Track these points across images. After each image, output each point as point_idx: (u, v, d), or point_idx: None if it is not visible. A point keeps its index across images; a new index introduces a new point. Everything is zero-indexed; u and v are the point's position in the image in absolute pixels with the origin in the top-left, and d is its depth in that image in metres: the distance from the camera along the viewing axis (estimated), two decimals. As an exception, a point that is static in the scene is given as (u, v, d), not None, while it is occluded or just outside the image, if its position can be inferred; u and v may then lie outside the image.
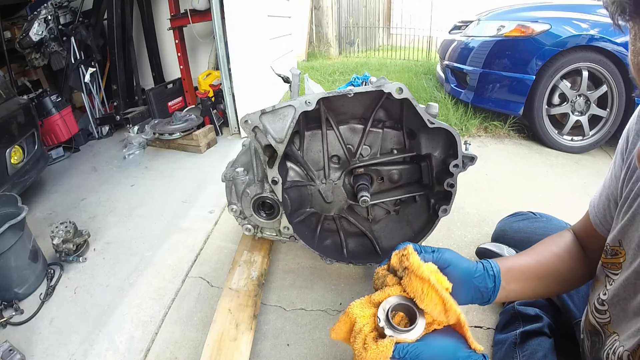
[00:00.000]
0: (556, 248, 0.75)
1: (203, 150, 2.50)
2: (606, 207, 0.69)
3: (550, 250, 0.75)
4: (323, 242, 1.17)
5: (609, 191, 0.68)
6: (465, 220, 1.53)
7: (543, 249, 0.76)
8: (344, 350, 1.00)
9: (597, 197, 0.73)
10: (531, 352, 0.83)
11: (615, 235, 0.62)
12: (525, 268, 0.71)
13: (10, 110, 1.84)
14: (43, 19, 2.61)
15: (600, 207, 0.70)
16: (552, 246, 0.76)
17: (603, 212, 0.69)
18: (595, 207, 0.72)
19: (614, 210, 0.66)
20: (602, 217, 0.70)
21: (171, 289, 1.27)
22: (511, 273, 0.69)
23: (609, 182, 0.69)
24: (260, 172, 1.04)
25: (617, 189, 0.65)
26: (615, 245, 0.62)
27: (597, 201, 0.72)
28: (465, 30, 2.77)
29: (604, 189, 0.70)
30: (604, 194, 0.70)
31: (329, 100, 0.94)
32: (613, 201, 0.67)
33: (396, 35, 6.96)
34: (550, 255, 0.74)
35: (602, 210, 0.70)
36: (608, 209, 0.68)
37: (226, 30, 2.45)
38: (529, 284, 0.71)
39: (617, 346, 0.58)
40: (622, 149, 0.65)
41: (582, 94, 2.17)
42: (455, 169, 0.93)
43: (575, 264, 0.73)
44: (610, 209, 0.68)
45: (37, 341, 1.12)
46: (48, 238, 1.44)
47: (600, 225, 0.71)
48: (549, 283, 0.73)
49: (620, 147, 0.67)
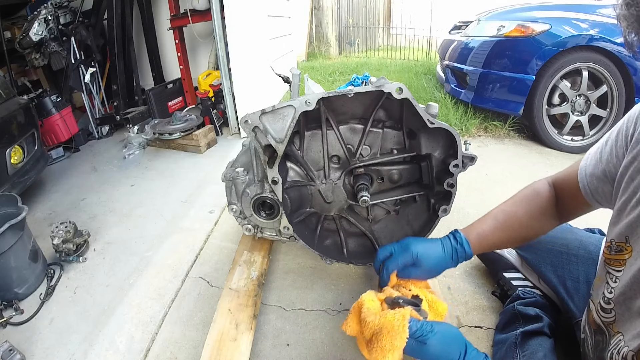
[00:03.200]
0: (529, 205, 0.83)
1: (203, 150, 2.50)
2: (601, 181, 0.69)
3: (523, 209, 0.83)
4: (323, 242, 1.17)
5: (606, 167, 0.67)
6: (465, 220, 1.53)
7: (515, 208, 0.85)
8: (344, 350, 1.00)
9: (590, 166, 0.72)
10: (531, 352, 0.83)
11: (622, 231, 0.61)
12: (497, 233, 0.83)
13: (10, 110, 1.84)
14: (43, 19, 2.61)
15: (593, 180, 0.70)
16: (526, 204, 0.84)
17: (596, 184, 0.70)
18: (588, 177, 0.72)
19: (608, 186, 0.67)
20: (595, 189, 0.71)
21: (171, 289, 1.27)
22: (482, 239, 0.82)
23: (607, 157, 0.67)
24: (260, 172, 1.04)
25: (616, 168, 0.65)
26: (621, 241, 0.61)
27: (591, 170, 0.71)
28: (465, 30, 2.77)
29: (601, 163, 0.69)
30: (599, 168, 0.69)
31: (329, 100, 0.94)
32: (610, 179, 0.66)
33: (396, 35, 6.97)
34: (522, 214, 0.83)
35: (595, 183, 0.70)
36: (602, 183, 0.69)
37: (226, 30, 2.45)
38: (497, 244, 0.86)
39: (622, 346, 0.58)
40: (627, 133, 0.63)
41: (582, 94, 2.17)
42: (455, 169, 0.93)
43: (543, 220, 0.83)
44: (604, 184, 0.68)
45: (37, 341, 1.12)
46: (48, 238, 1.44)
47: (589, 194, 0.72)
48: (515, 239, 0.86)
49: (624, 128, 0.65)
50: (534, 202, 0.83)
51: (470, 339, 1.01)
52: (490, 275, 1.22)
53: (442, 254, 0.81)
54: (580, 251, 0.96)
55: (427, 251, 0.82)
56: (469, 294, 1.16)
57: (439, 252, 0.82)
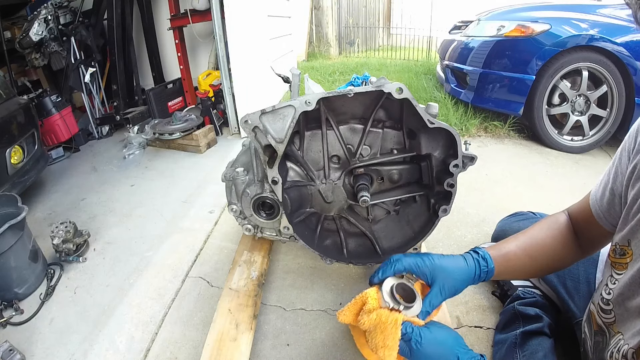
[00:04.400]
0: (550, 230, 0.79)
1: (203, 150, 2.50)
2: (610, 201, 0.69)
3: (545, 233, 0.79)
4: (323, 242, 1.16)
5: (613, 186, 0.68)
6: (465, 220, 1.53)
7: (537, 232, 0.80)
8: (344, 350, 1.00)
9: (599, 190, 0.73)
10: (531, 352, 0.83)
11: (625, 235, 0.62)
12: (519, 253, 0.77)
13: (10, 110, 1.84)
14: (43, 19, 2.61)
15: (604, 202, 0.71)
16: (546, 229, 0.80)
17: (607, 206, 0.70)
18: (599, 201, 0.72)
19: (618, 205, 0.67)
20: (606, 210, 0.70)
21: (171, 289, 1.27)
22: (505, 259, 0.76)
23: (613, 176, 0.69)
24: (260, 172, 1.04)
25: (622, 185, 0.66)
26: (624, 244, 0.63)
27: (600, 194, 0.72)
28: (465, 31, 2.77)
29: (608, 183, 0.70)
30: (607, 188, 0.70)
31: (329, 100, 0.94)
32: (618, 196, 0.67)
33: (396, 35, 6.97)
34: (544, 237, 0.79)
35: (605, 205, 0.71)
36: (612, 203, 0.69)
37: (226, 30, 2.45)
38: (520, 267, 0.78)
39: (622, 344, 0.58)
40: (630, 147, 0.66)
41: (582, 94, 2.17)
42: (455, 169, 0.93)
43: (566, 246, 0.78)
44: (614, 203, 0.69)
45: (37, 341, 1.12)
46: (48, 238, 1.44)
47: (603, 219, 0.72)
48: (540, 264, 0.78)
49: (627, 144, 0.67)
50: (557, 229, 0.79)
51: (470, 339, 1.01)
52: (490, 275, 1.22)
53: (466, 267, 0.73)
54: (580, 251, 0.96)
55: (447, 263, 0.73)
56: (469, 294, 1.16)
57: (462, 264, 0.73)
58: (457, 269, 0.73)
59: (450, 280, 0.71)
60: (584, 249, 0.78)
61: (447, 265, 0.72)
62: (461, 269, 0.73)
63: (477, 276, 0.73)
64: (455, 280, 0.72)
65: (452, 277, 0.72)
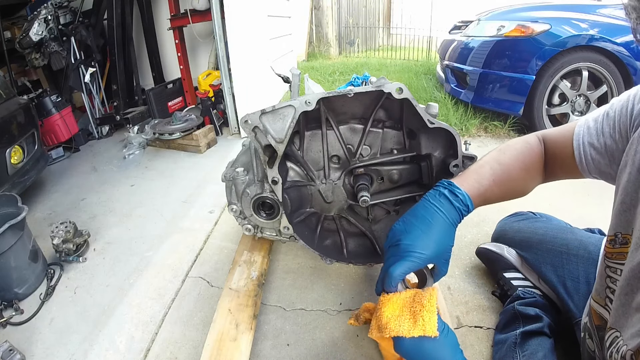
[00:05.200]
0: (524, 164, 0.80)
1: (203, 150, 2.50)
2: (599, 153, 0.68)
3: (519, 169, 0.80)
4: (323, 242, 1.16)
5: (607, 140, 0.66)
6: (465, 220, 1.50)
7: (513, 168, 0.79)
8: (344, 350, 1.00)
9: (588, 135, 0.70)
10: (531, 352, 0.83)
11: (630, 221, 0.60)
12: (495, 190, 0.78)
13: (10, 110, 1.84)
14: (43, 19, 2.61)
15: (592, 150, 0.69)
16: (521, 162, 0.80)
17: (594, 156, 0.69)
18: (586, 146, 0.70)
19: (605, 159, 0.67)
20: (591, 159, 0.69)
21: (171, 289, 1.27)
22: (483, 198, 0.77)
23: (609, 130, 0.66)
24: (260, 172, 1.04)
25: (617, 144, 0.64)
26: (627, 233, 0.61)
27: (589, 140, 0.69)
28: (465, 30, 2.77)
29: (602, 136, 0.67)
30: (600, 140, 0.67)
31: (329, 100, 0.94)
32: (609, 154, 0.66)
33: (396, 35, 6.97)
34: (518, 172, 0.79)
35: (594, 154, 0.69)
36: (600, 156, 0.68)
37: (226, 30, 2.45)
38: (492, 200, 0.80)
39: (621, 345, 0.57)
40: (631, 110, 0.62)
41: (582, 94, 2.18)
42: (455, 169, 0.93)
43: (535, 179, 0.82)
44: (602, 157, 0.68)
45: (37, 341, 1.12)
46: (48, 238, 1.44)
47: (583, 164, 0.71)
48: (508, 195, 0.81)
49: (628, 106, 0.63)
50: (529, 157, 0.79)
51: (471, 339, 1.01)
52: (490, 275, 1.22)
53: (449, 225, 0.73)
54: (580, 251, 0.96)
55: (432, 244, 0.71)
56: (469, 294, 1.16)
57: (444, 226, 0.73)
58: (442, 236, 0.73)
59: (443, 248, 0.73)
60: (546, 176, 0.82)
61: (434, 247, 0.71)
62: (445, 231, 0.73)
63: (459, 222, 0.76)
64: (446, 245, 0.73)
65: (443, 246, 0.73)
